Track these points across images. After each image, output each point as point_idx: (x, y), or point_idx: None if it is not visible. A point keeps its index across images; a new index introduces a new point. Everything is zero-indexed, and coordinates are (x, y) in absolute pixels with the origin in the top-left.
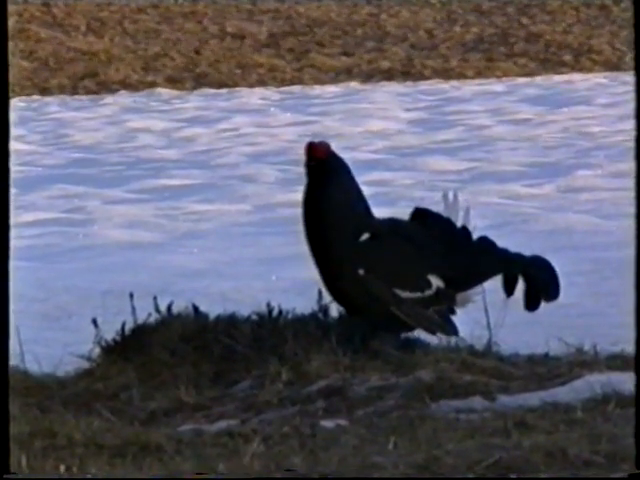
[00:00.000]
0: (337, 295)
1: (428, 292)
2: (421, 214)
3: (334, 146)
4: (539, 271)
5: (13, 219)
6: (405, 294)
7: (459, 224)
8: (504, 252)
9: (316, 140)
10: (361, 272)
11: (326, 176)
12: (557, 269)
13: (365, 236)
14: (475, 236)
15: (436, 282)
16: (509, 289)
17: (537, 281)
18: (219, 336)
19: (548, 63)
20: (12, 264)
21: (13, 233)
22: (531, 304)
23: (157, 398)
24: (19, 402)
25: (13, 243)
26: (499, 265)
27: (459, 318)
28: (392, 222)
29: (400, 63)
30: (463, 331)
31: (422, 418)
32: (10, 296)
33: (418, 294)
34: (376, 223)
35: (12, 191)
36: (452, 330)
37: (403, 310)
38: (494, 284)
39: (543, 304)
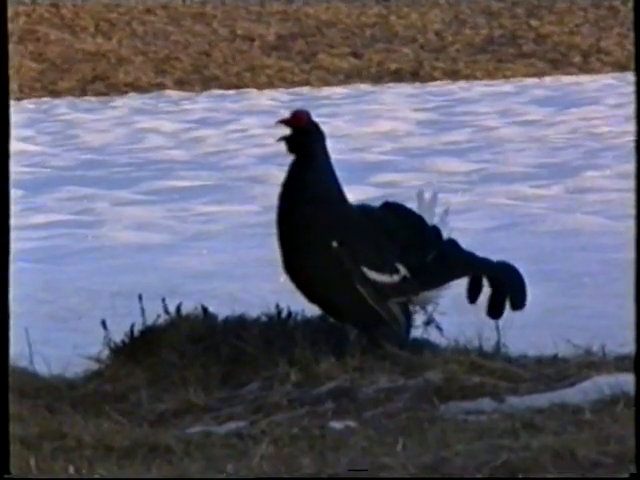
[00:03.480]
0: (300, 276)
1: (395, 277)
2: (391, 207)
3: (343, 147)
4: (506, 277)
5: (22, 221)
6: (372, 274)
7: (432, 223)
8: (471, 255)
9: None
10: (335, 244)
11: (306, 149)
12: (524, 278)
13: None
14: (445, 237)
15: (403, 270)
16: (473, 294)
17: (504, 287)
18: (228, 337)
19: (557, 64)
20: (21, 265)
21: (22, 235)
22: (495, 311)
23: (166, 399)
24: (28, 403)
25: (22, 245)
26: (465, 267)
27: (467, 319)
28: (364, 206)
29: (409, 64)
30: (471, 333)
31: (431, 419)
32: (16, 297)
33: (386, 277)
34: (349, 204)
35: (21, 193)
36: (405, 339)
37: (366, 289)
38: None
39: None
